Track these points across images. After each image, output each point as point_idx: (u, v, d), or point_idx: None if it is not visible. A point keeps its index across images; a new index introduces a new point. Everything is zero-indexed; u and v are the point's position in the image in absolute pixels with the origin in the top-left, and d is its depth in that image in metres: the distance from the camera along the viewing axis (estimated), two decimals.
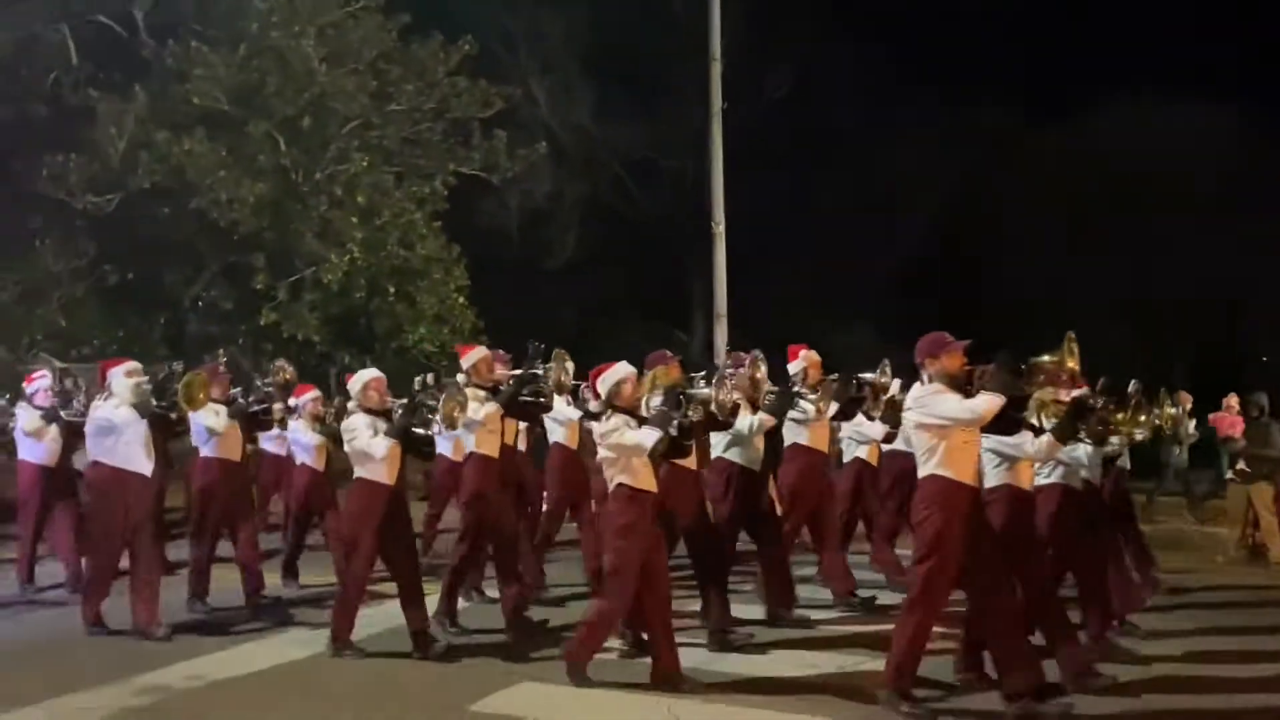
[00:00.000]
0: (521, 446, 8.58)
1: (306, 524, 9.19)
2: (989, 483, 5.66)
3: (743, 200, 17.71)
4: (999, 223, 24.96)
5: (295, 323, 16.83)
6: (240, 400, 8.20)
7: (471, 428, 7.02)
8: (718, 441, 7.23)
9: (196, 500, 8.24)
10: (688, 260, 23.37)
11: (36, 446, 8.66)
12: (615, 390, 5.96)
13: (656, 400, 5.94)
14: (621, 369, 6.05)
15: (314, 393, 8.95)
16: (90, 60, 17.04)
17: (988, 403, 5.16)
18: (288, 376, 8.98)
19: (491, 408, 7.09)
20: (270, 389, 8.69)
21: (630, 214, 25.90)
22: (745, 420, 6.86)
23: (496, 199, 22.55)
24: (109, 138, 15.96)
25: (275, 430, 9.10)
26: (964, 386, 5.37)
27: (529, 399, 7.39)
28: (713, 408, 6.31)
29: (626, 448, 5.76)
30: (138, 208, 16.73)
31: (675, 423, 5.89)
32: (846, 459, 8.78)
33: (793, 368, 7.44)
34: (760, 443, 7.18)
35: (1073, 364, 5.44)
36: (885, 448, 8.36)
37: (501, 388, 7.23)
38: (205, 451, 8.04)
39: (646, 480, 5.87)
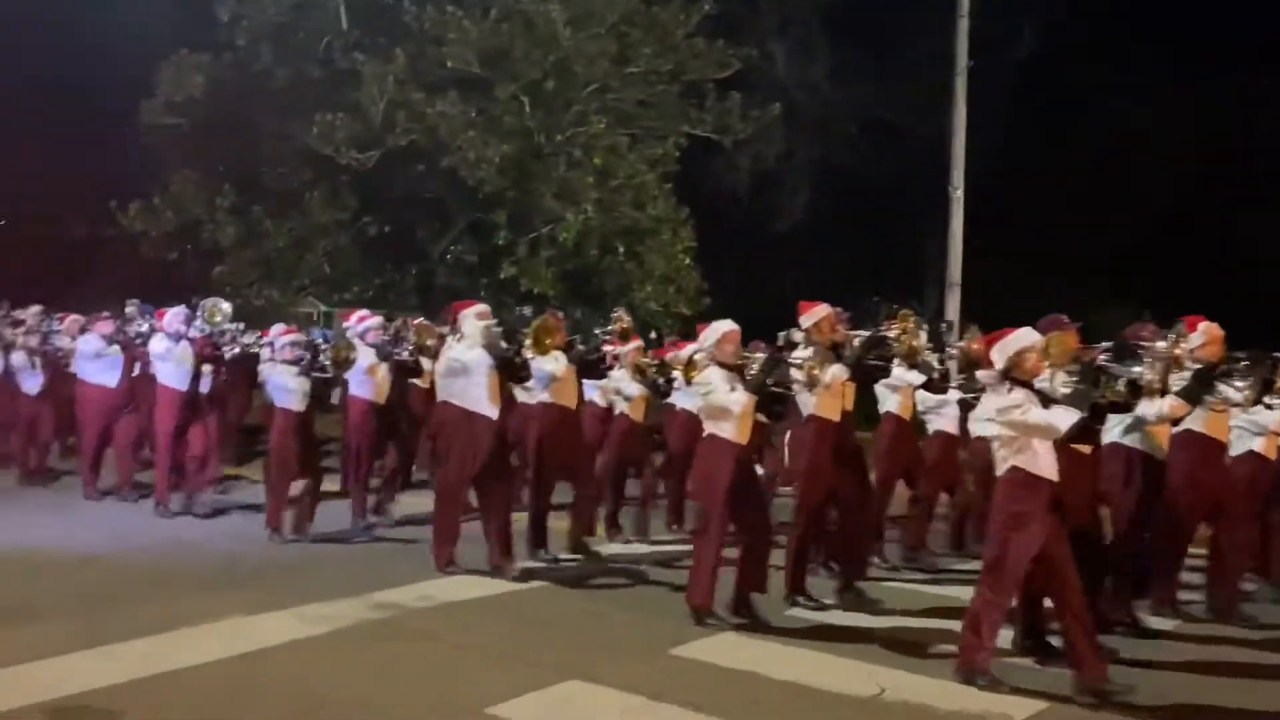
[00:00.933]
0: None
1: (624, 476, 8.99)
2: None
3: (980, 164, 16.99)
4: (1255, 190, 22.67)
5: (532, 278, 17.62)
6: (579, 346, 8.16)
7: (814, 389, 6.58)
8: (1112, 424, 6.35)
9: (534, 448, 8.10)
10: (921, 226, 22.64)
11: (367, 383, 8.92)
12: (1017, 360, 5.25)
13: (1062, 376, 5.43)
14: (1025, 335, 5.35)
15: (637, 343, 8.81)
16: (357, 25, 18.35)
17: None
18: (624, 325, 8.81)
19: (839, 369, 6.59)
20: (608, 336, 8.68)
21: (863, 177, 25.28)
22: (1155, 405, 5.98)
23: (726, 160, 22.57)
24: (371, 98, 17.17)
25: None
26: None
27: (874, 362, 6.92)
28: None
29: (1032, 427, 5.15)
30: (395, 165, 17.94)
31: (1091, 403, 5.29)
32: (1236, 451, 7.08)
33: (1194, 340, 6.27)
34: (1165, 430, 6.46)
35: None
36: None
37: (844, 350, 6.70)
38: (542, 397, 7.95)
39: (1047, 466, 5.22)
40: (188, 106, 18.91)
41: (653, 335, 13.51)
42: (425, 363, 8.79)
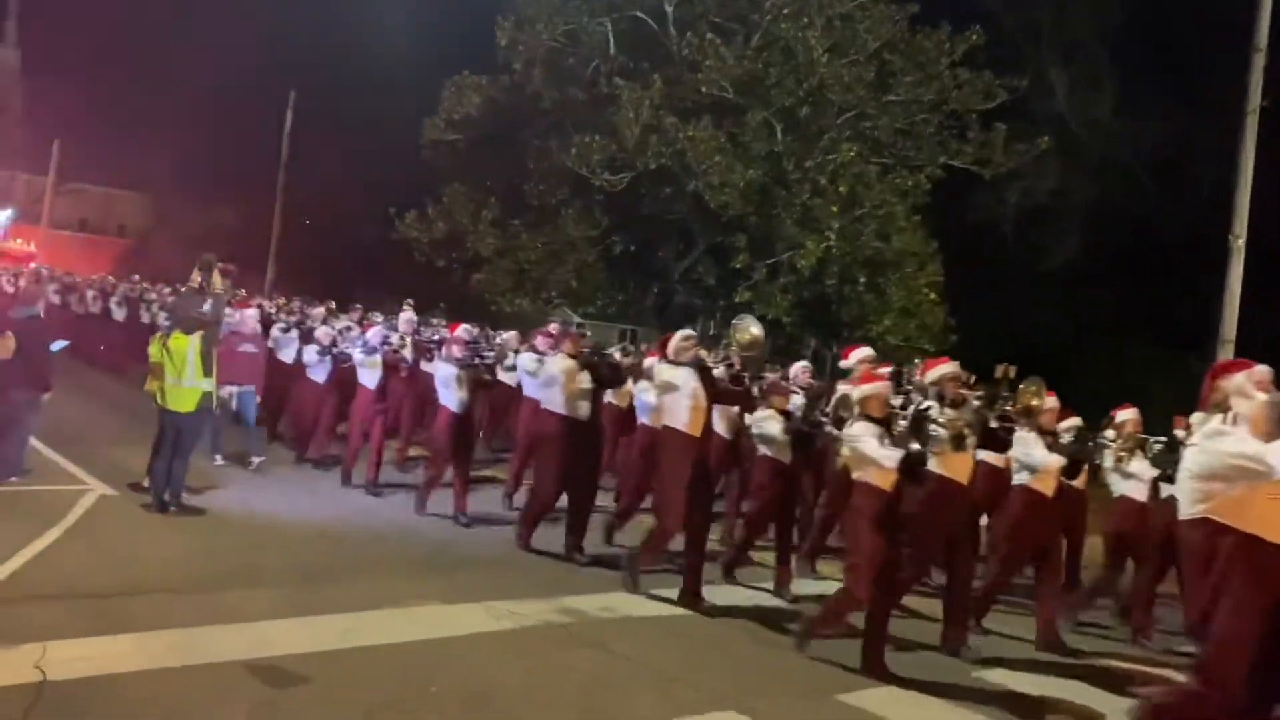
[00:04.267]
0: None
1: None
2: None
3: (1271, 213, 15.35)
4: None
5: (766, 303, 17.60)
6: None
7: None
8: None
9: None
10: (1208, 278, 20.71)
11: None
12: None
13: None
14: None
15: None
16: (623, 51, 19.06)
17: None
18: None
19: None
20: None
21: (1143, 220, 23.48)
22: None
23: (992, 194, 21.65)
24: (627, 122, 17.78)
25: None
26: None
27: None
28: None
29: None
30: (644, 186, 18.47)
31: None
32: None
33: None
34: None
35: None
36: None
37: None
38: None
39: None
40: (464, 124, 20.32)
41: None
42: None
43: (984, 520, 8.40)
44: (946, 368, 7.04)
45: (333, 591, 6.63)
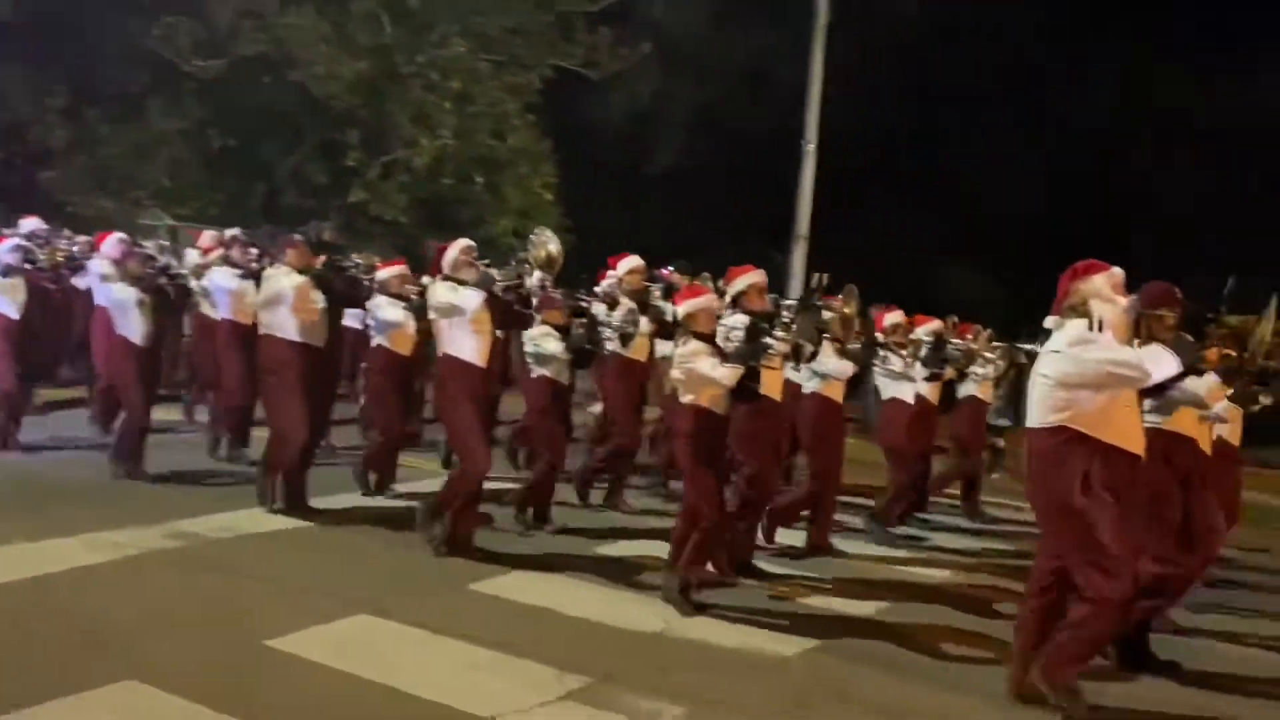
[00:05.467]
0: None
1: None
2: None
3: (850, 122, 17.19)
4: (1125, 168, 23.77)
5: (383, 203, 17.11)
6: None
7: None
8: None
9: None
10: (788, 179, 22.86)
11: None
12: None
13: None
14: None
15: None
16: None
17: None
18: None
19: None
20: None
21: (738, 125, 25.30)
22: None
23: (599, 97, 22.27)
24: (218, 2, 16.24)
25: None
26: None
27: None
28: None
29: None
30: (242, 75, 17.06)
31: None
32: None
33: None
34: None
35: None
36: None
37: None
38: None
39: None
40: None
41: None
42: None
43: None
44: (753, 277, 6.45)
45: None
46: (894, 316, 7.93)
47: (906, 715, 4.64)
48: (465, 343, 6.35)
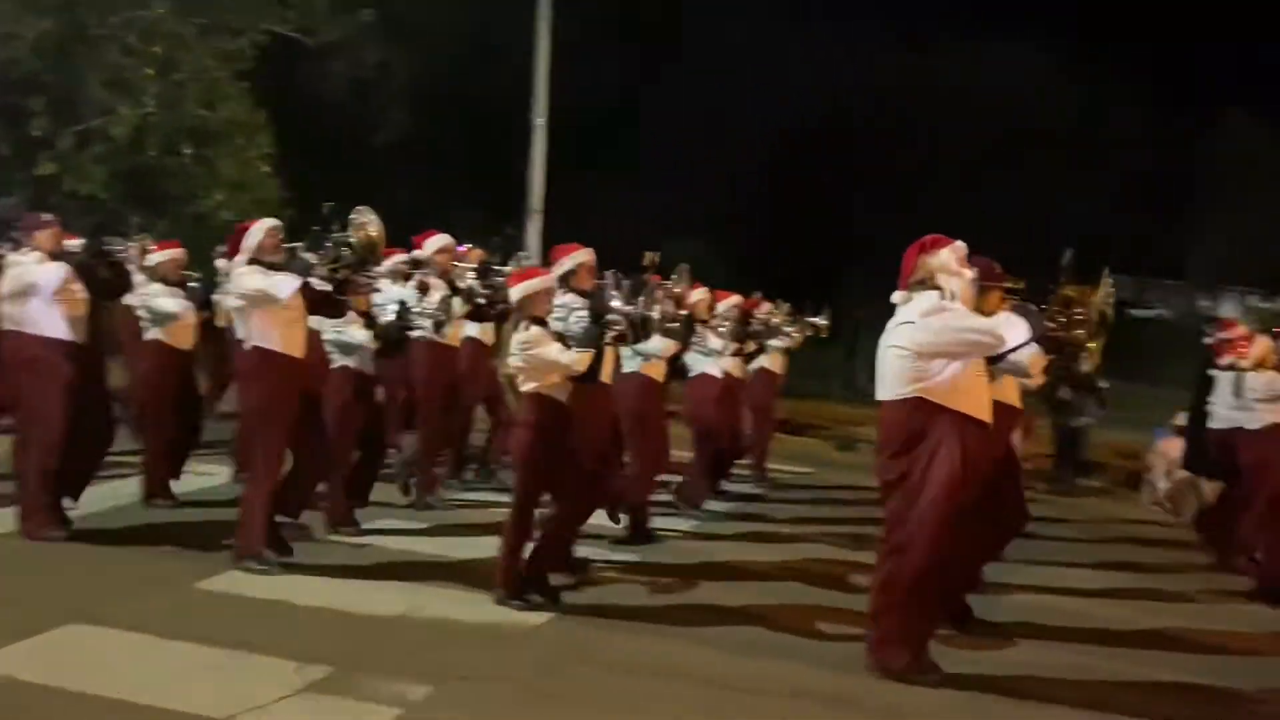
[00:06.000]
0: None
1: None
2: None
3: (582, 93, 17.34)
4: (843, 145, 25.45)
5: (78, 175, 15.58)
6: None
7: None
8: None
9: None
10: (521, 151, 22.85)
11: None
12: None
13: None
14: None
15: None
16: None
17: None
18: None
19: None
20: None
21: (467, 96, 24.96)
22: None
23: (320, 66, 21.27)
24: None
25: None
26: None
27: None
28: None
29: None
30: None
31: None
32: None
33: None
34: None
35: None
36: None
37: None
38: None
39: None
40: None
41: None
42: None
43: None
44: (581, 256, 6.17)
45: None
46: (698, 293, 7.92)
47: (659, 672, 4.81)
48: (278, 333, 5.71)
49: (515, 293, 5.59)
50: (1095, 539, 9.10)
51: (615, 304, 5.73)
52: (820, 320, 9.83)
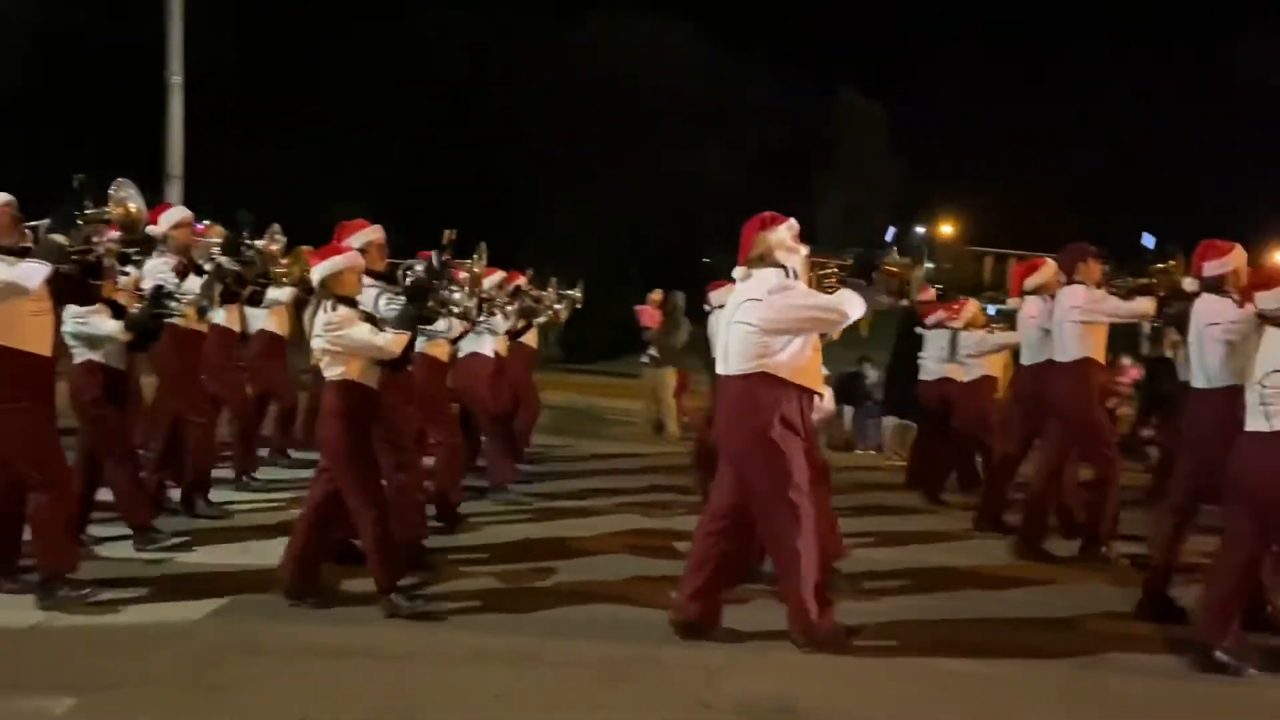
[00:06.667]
0: None
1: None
2: None
3: (225, 51, 16.24)
4: (501, 110, 25.67)
5: None
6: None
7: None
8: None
9: None
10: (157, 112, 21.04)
11: None
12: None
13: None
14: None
15: None
16: None
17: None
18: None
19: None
20: None
21: (94, 51, 22.65)
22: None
23: None
24: None
25: None
26: None
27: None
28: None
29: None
30: None
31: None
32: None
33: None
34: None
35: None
36: None
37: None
38: None
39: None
40: None
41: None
42: None
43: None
44: (370, 234, 5.74)
45: None
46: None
47: (340, 654, 4.70)
48: (23, 328, 4.88)
49: (318, 272, 5.17)
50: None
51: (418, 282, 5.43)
52: (576, 293, 9.94)
